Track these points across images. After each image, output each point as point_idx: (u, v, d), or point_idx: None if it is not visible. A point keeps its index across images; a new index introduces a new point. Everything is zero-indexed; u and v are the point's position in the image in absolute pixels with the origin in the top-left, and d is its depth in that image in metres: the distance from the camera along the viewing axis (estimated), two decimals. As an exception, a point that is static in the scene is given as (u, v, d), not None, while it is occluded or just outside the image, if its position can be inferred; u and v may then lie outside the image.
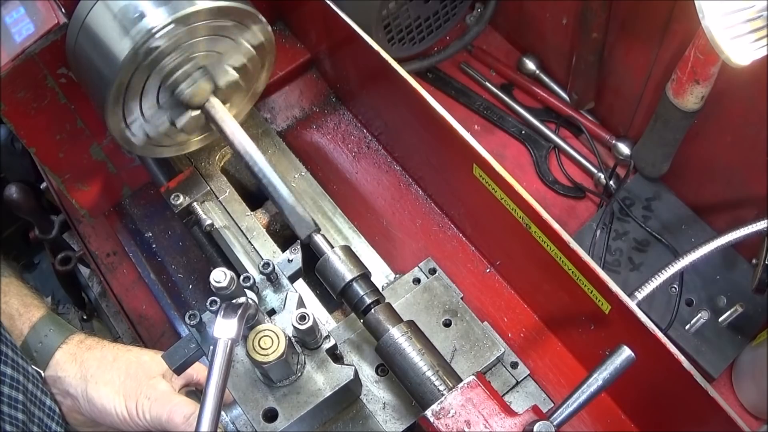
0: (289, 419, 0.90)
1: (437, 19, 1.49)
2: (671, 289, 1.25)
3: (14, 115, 1.08)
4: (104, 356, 1.09)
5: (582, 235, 1.31)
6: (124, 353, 1.09)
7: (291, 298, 0.97)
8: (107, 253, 1.41)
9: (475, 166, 1.07)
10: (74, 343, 1.10)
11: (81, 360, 1.08)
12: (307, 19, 1.41)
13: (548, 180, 1.42)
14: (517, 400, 1.09)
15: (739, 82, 1.06)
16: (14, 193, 1.46)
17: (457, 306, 1.12)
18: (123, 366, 1.07)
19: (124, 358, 1.08)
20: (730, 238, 1.05)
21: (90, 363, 1.08)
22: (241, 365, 0.93)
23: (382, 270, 1.21)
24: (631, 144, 1.38)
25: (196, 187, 1.22)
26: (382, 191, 1.37)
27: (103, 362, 1.08)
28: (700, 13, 0.94)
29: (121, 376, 1.06)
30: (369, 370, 1.05)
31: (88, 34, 0.98)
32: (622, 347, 0.81)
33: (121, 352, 1.10)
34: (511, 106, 1.50)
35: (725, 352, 1.21)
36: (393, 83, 1.12)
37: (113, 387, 1.05)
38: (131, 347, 1.12)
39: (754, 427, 1.19)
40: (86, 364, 1.07)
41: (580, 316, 1.07)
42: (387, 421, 1.01)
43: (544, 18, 1.43)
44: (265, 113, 1.44)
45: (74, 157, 1.22)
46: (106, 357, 1.08)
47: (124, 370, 1.07)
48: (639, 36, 1.24)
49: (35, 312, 1.12)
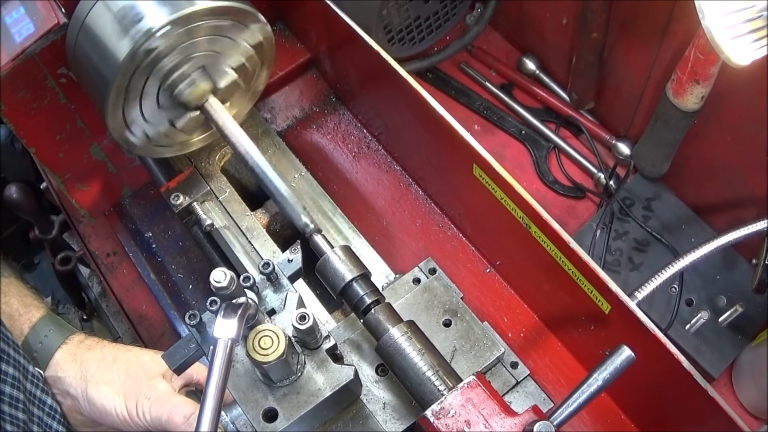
0: (289, 419, 0.90)
1: (437, 19, 1.49)
2: (671, 289, 1.25)
3: (14, 115, 1.09)
4: (104, 356, 1.09)
5: (582, 235, 1.31)
6: (124, 353, 1.09)
7: (291, 298, 0.97)
8: (107, 253, 1.41)
9: (475, 166, 1.06)
10: (74, 343, 1.10)
11: (81, 360, 1.08)
12: (307, 19, 1.41)
13: (548, 180, 1.42)
14: (517, 400, 1.09)
15: (739, 82, 1.06)
16: (14, 193, 1.46)
17: (457, 306, 1.12)
18: (123, 366, 1.07)
19: (124, 359, 1.08)
20: (730, 238, 1.05)
21: (90, 363, 1.07)
22: (241, 365, 0.93)
23: (382, 270, 1.21)
24: (631, 144, 1.38)
25: (196, 187, 1.22)
26: (382, 191, 1.37)
27: (103, 362, 1.08)
28: (700, 13, 0.94)
29: (121, 376, 1.06)
30: (369, 370, 1.05)
31: (88, 34, 0.98)
32: (622, 347, 0.81)
33: (121, 352, 1.10)
34: (511, 106, 1.50)
35: (725, 352, 1.21)
36: (393, 83, 1.12)
37: (113, 387, 1.05)
38: (131, 347, 1.12)
39: (754, 427, 1.19)
40: (86, 365, 1.07)
41: (580, 316, 1.07)
42: (387, 421, 1.01)
43: (544, 18, 1.43)
44: (265, 113, 1.44)
45: (74, 157, 1.22)
46: (106, 357, 1.08)
47: (124, 371, 1.07)
48: (639, 36, 1.24)
49: (35, 312, 1.12)
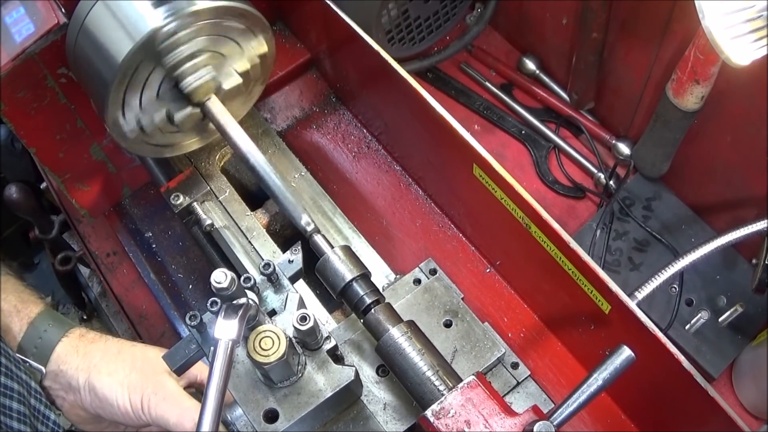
0: (289, 420, 0.90)
1: (437, 19, 1.49)
2: (671, 289, 1.25)
3: (14, 115, 1.09)
4: (108, 348, 1.07)
5: (582, 235, 1.31)
6: (129, 347, 1.08)
7: (292, 298, 0.97)
8: (107, 253, 1.41)
9: (475, 166, 1.06)
10: (76, 336, 1.08)
11: (84, 352, 1.06)
12: (307, 19, 1.41)
13: (548, 180, 1.42)
14: (517, 401, 1.09)
15: (739, 82, 1.06)
16: (14, 193, 1.46)
17: (457, 307, 1.11)
18: (128, 359, 1.06)
19: (129, 352, 1.07)
20: (730, 238, 1.05)
21: (94, 354, 1.06)
22: (241, 366, 0.93)
23: (382, 270, 1.21)
24: (631, 144, 1.38)
25: (196, 187, 1.22)
26: (382, 191, 1.37)
27: (107, 353, 1.06)
28: (700, 13, 0.94)
29: (126, 368, 1.04)
30: (370, 370, 1.05)
31: (88, 34, 0.98)
32: (622, 347, 0.81)
33: (126, 345, 1.08)
34: (511, 106, 1.50)
35: (725, 352, 1.21)
36: (393, 83, 1.12)
37: (117, 378, 1.03)
38: (136, 342, 1.11)
39: (754, 427, 1.19)
40: (90, 355, 1.06)
41: (580, 316, 1.07)
42: (388, 422, 1.01)
43: (544, 18, 1.43)
44: (265, 113, 1.44)
45: (74, 157, 1.22)
46: (110, 349, 1.07)
47: (130, 363, 1.05)
48: (639, 36, 1.24)
49: (33, 308, 1.10)
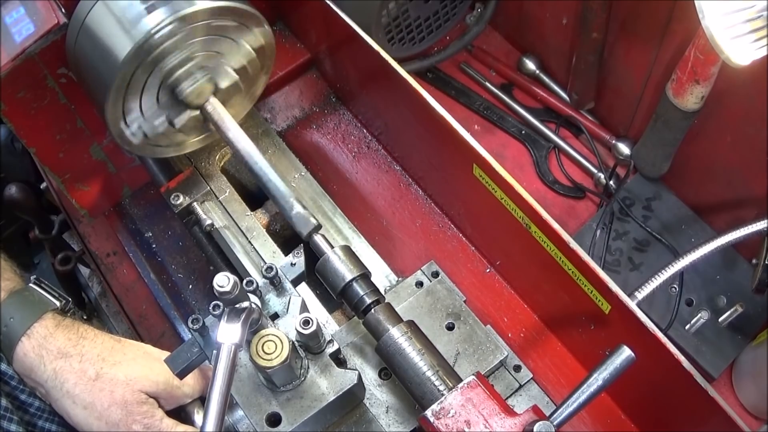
0: (292, 424, 0.90)
1: (437, 19, 1.48)
2: (671, 289, 1.25)
3: (14, 115, 1.08)
4: (84, 370, 1.03)
5: (582, 235, 1.31)
6: (109, 367, 1.04)
7: (294, 302, 0.97)
8: (107, 253, 1.41)
9: (475, 166, 1.06)
10: (38, 344, 1.04)
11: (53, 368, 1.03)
12: (307, 19, 1.41)
13: (548, 180, 1.42)
14: (520, 404, 1.09)
15: (739, 82, 1.06)
16: (14, 193, 1.46)
17: (460, 309, 1.11)
18: (107, 387, 1.03)
19: (109, 377, 1.03)
20: (730, 238, 1.05)
21: (67, 376, 1.03)
22: (244, 369, 0.92)
23: (382, 270, 1.21)
24: (631, 144, 1.38)
25: (196, 187, 1.22)
26: (382, 191, 1.36)
27: (82, 378, 1.03)
28: (700, 13, 0.94)
29: (103, 401, 1.02)
30: (372, 373, 1.05)
31: (88, 34, 0.98)
32: (622, 347, 0.81)
33: (107, 366, 1.04)
34: (511, 106, 1.50)
35: (725, 352, 1.21)
36: (393, 83, 1.12)
37: (93, 412, 1.01)
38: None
39: (754, 427, 1.19)
40: (61, 376, 1.03)
41: (580, 316, 1.07)
42: (390, 425, 1.01)
43: (544, 18, 1.43)
44: (265, 113, 1.44)
45: (74, 157, 1.22)
46: (86, 371, 1.03)
47: (108, 394, 1.02)
48: (639, 36, 1.24)
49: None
